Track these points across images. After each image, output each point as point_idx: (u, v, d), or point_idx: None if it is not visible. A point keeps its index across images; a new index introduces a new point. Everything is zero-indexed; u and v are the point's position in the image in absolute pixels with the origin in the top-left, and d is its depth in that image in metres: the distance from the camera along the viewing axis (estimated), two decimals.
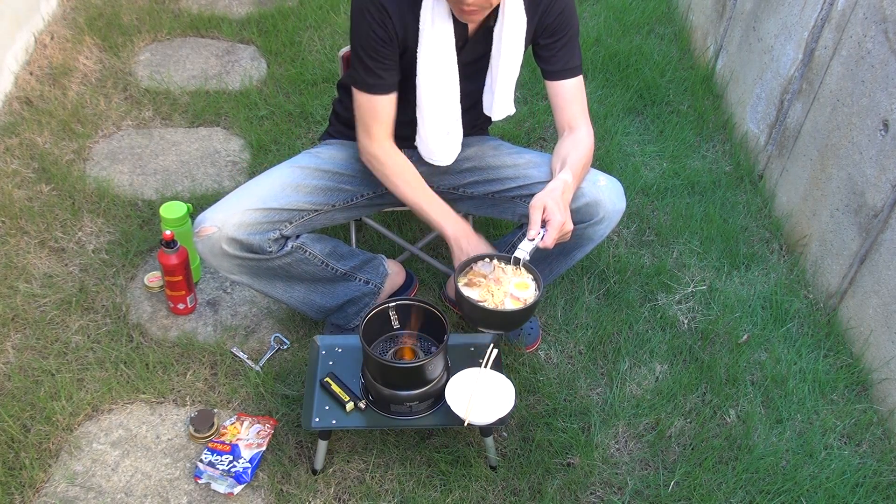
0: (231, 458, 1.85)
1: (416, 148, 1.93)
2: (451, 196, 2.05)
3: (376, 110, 1.81)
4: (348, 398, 1.79)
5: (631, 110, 3.11)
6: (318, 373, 1.86)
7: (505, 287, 1.68)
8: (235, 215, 1.80)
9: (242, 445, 1.88)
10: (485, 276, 1.71)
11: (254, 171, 2.70)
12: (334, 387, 1.81)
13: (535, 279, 1.71)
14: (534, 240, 1.66)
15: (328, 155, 1.98)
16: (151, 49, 3.32)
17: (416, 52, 1.77)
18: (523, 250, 1.68)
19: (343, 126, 2.03)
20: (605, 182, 1.85)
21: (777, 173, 2.67)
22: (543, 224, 1.67)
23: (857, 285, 2.21)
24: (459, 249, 1.79)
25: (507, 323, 1.71)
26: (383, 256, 2.16)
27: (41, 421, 1.92)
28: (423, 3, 1.72)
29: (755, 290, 2.39)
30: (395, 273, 2.18)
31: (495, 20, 1.78)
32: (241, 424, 1.93)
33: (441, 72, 1.79)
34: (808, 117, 2.49)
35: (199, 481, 1.84)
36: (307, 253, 1.92)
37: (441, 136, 1.88)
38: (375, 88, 1.79)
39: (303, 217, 1.89)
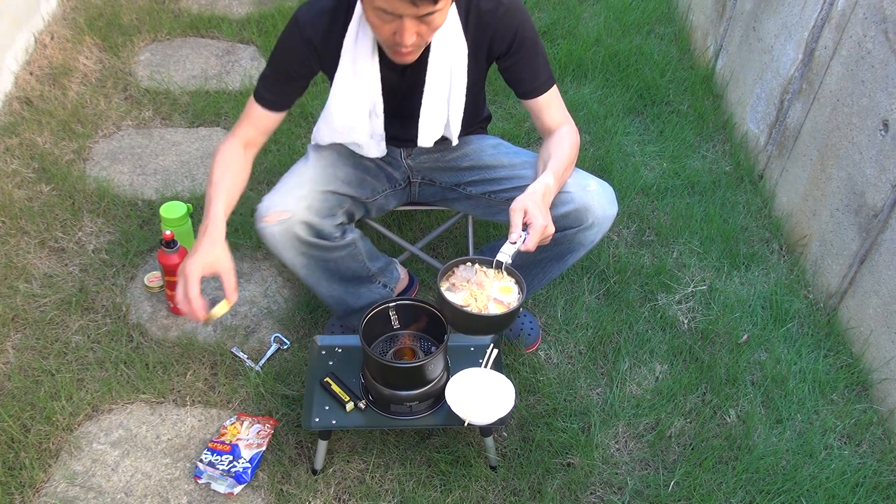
0: (231, 458, 1.85)
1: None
2: (452, 195, 2.06)
3: (251, 115, 1.85)
4: (348, 398, 1.79)
5: (631, 110, 3.11)
6: (318, 373, 1.86)
7: (488, 291, 1.66)
8: (305, 198, 1.78)
9: (242, 445, 1.88)
10: (467, 281, 1.68)
11: (254, 171, 2.68)
12: (334, 387, 1.81)
13: (517, 282, 1.68)
14: (515, 243, 1.64)
15: (340, 149, 1.97)
16: (151, 49, 3.32)
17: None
18: (505, 253, 1.65)
19: None
20: (596, 187, 1.83)
21: (777, 173, 2.67)
22: (525, 227, 1.66)
23: (857, 285, 2.21)
24: (204, 234, 1.69)
25: (491, 327, 1.69)
26: (396, 260, 2.17)
27: (41, 421, 1.92)
28: (346, 38, 1.73)
29: (755, 290, 2.39)
30: (402, 277, 2.19)
31: (429, 51, 1.76)
32: (241, 424, 1.93)
33: (352, 103, 1.82)
34: (808, 117, 2.49)
35: (199, 481, 1.84)
36: (357, 248, 1.92)
37: (364, 140, 1.89)
38: (263, 100, 1.83)
39: (349, 204, 1.89)
